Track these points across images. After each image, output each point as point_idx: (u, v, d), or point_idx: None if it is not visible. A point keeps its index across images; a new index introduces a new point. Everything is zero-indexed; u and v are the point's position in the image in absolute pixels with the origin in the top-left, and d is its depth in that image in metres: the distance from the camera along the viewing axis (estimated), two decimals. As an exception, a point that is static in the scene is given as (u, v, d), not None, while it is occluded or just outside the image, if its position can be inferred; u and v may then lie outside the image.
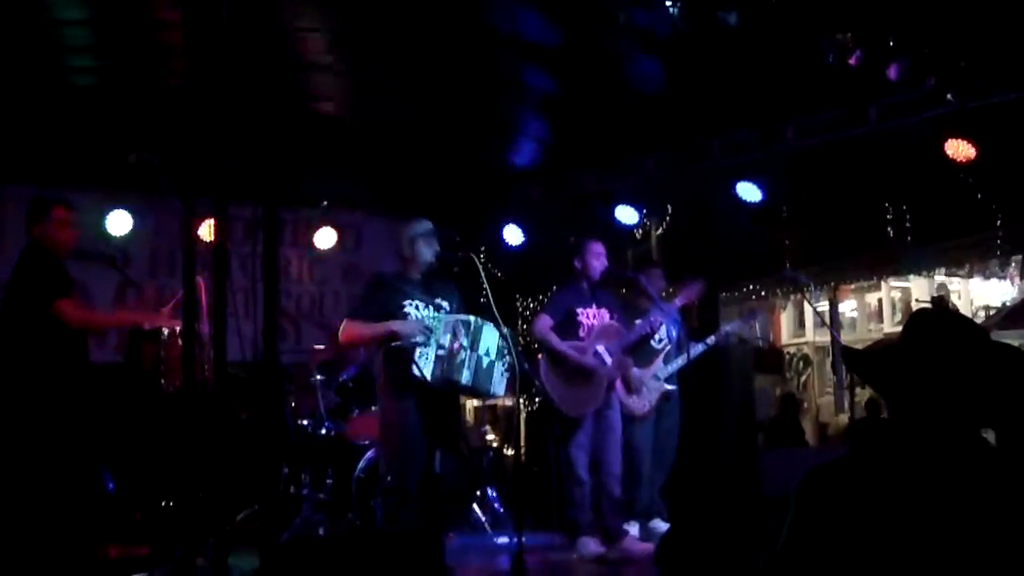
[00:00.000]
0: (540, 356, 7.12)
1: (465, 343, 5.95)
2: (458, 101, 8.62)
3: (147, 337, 5.90)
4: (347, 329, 6.26)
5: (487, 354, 6.05)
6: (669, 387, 7.68)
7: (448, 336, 5.94)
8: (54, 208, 5.84)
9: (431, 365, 5.90)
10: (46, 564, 5.30)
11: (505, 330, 6.09)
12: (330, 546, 4.86)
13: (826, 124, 8.31)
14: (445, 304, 6.22)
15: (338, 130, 9.19)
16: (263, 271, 4.43)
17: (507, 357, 6.12)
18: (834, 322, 11.75)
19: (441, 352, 5.92)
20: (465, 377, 5.96)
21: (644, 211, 9.80)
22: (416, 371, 5.87)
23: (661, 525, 7.62)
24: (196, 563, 4.39)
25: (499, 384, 6.17)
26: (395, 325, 6.06)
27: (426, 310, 6.13)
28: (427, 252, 6.26)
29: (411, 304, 6.15)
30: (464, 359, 5.95)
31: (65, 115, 8.09)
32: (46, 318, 5.52)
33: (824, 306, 11.96)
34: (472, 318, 6.06)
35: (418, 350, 5.92)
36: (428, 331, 5.95)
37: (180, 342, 5.54)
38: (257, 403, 6.27)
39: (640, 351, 7.44)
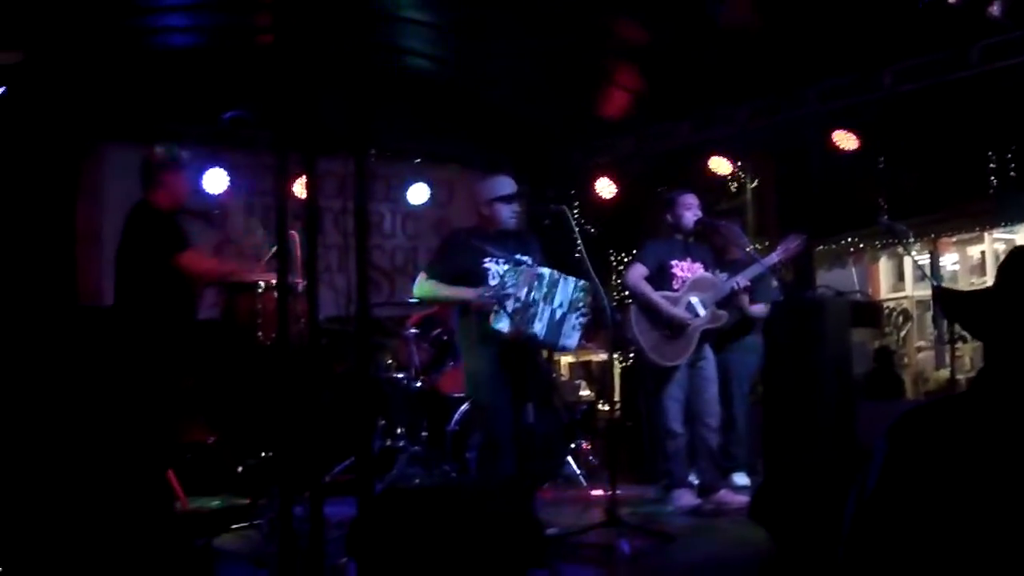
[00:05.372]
0: (631, 306, 7.05)
1: (538, 296, 5.91)
2: (549, 53, 8.56)
3: (241, 290, 5.94)
4: (422, 285, 6.26)
5: (560, 306, 6.02)
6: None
7: (524, 289, 5.91)
8: (171, 164, 5.88)
9: (507, 319, 5.88)
10: (127, 511, 5.40)
11: (584, 283, 6.04)
12: (424, 498, 4.90)
13: (925, 68, 8.08)
14: (527, 259, 6.13)
15: (430, 84, 9.20)
16: (355, 225, 4.46)
17: (582, 308, 6.07)
18: (935, 276, 11.50)
19: (517, 305, 5.87)
20: (538, 329, 5.89)
21: (738, 162, 9.66)
22: (493, 324, 5.87)
23: (741, 478, 7.57)
24: (294, 513, 4.46)
25: (569, 337, 6.07)
26: (470, 294, 6.03)
27: (505, 265, 6.10)
28: (506, 213, 6.23)
29: (490, 260, 6.11)
30: (537, 312, 5.90)
31: (161, 75, 8.22)
32: (165, 273, 5.54)
33: (924, 259, 11.71)
34: (548, 271, 6.00)
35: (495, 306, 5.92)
36: (502, 301, 5.90)
37: (275, 295, 5.60)
38: (352, 356, 6.33)
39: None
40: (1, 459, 6.23)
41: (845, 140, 8.54)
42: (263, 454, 6.88)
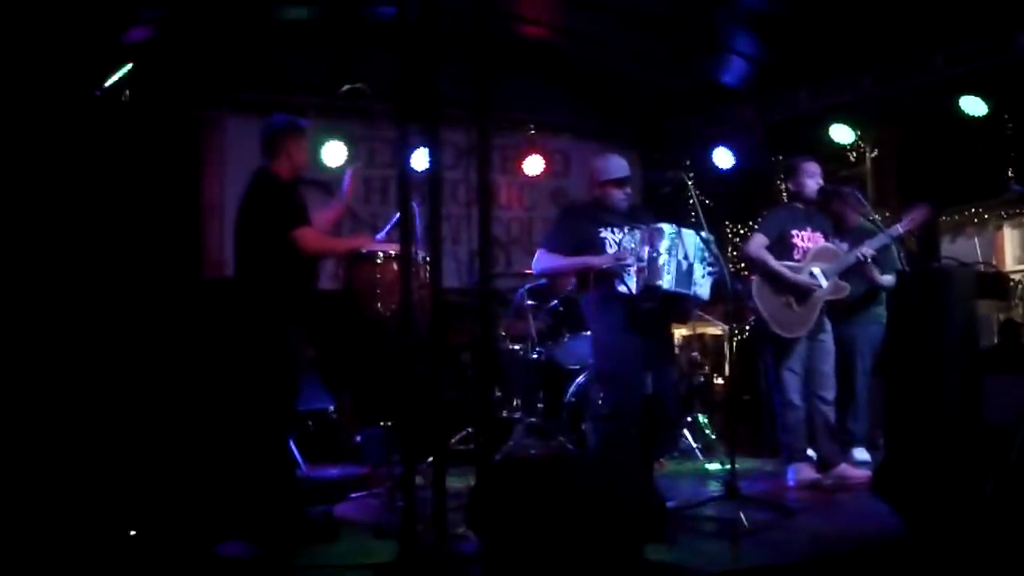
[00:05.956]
0: (753, 277, 6.97)
1: (662, 250, 5.91)
2: (666, 19, 8.45)
3: (360, 261, 5.95)
4: (540, 260, 6.33)
5: (685, 258, 6.00)
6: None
7: (645, 248, 5.92)
8: (291, 130, 5.79)
9: (634, 279, 5.93)
10: (250, 480, 5.46)
11: (707, 234, 6.02)
12: (542, 467, 4.90)
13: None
14: (641, 225, 6.16)
15: (544, 53, 9.15)
16: (477, 195, 4.48)
17: (708, 258, 6.05)
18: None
19: (641, 264, 5.93)
20: (667, 282, 5.91)
21: (859, 131, 9.45)
22: (621, 287, 5.90)
23: (860, 453, 7.43)
24: (414, 482, 4.50)
25: (700, 287, 6.10)
26: (591, 260, 6.11)
27: (621, 233, 6.12)
28: (618, 196, 6.27)
29: (606, 229, 6.17)
30: (664, 264, 5.91)
31: (282, 46, 8.32)
32: (283, 244, 5.48)
33: (1055, 229, 11.34)
34: (668, 225, 6.01)
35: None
36: (623, 261, 5.95)
37: (396, 266, 5.61)
38: (471, 327, 6.35)
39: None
40: (130, 427, 6.40)
41: (973, 106, 8.28)
42: (383, 423, 6.96)
